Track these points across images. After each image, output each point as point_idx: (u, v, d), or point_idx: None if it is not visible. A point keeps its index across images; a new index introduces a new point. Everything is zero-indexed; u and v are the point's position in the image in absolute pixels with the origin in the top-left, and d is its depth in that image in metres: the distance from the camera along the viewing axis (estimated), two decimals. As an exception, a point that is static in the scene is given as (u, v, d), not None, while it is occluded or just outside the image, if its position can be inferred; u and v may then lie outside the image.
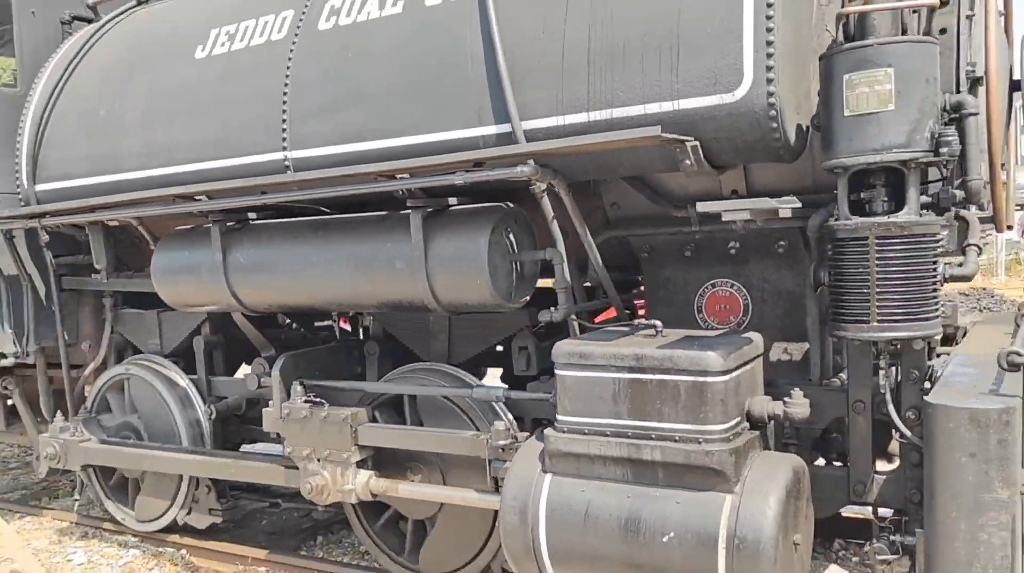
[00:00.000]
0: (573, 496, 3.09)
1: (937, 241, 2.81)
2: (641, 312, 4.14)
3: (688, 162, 3.03)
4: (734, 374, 2.92)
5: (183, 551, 5.00)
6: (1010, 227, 3.55)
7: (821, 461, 3.65)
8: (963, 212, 3.06)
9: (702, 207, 2.88)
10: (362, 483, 3.98)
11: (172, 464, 4.68)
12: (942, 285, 2.87)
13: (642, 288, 4.02)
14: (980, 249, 2.95)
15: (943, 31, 3.05)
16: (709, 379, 2.86)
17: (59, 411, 5.19)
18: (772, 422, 3.16)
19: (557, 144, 3.10)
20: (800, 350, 3.56)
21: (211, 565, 4.89)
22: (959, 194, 2.95)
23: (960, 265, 2.94)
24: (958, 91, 3.04)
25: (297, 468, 4.11)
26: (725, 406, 2.88)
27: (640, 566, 2.96)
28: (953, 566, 2.47)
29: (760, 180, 3.46)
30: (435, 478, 4.05)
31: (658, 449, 2.93)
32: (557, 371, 3.15)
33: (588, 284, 3.95)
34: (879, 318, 2.76)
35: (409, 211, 3.51)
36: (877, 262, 2.75)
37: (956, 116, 2.85)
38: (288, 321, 5.31)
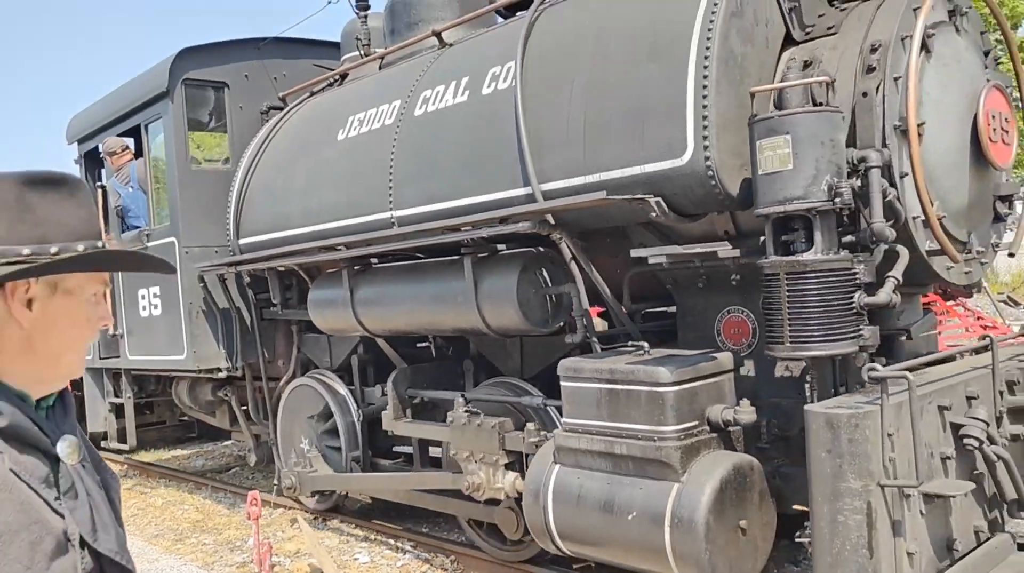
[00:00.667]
0: (571, 482, 3.89)
1: (849, 274, 3.33)
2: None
3: (654, 214, 3.76)
4: (687, 386, 3.60)
5: (452, 557, 5.38)
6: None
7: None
8: (898, 247, 3.51)
9: (642, 253, 3.61)
10: (510, 482, 4.69)
11: (372, 486, 5.90)
12: (863, 311, 3.37)
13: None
14: (899, 280, 3.39)
15: (864, 94, 3.54)
16: (660, 389, 3.57)
17: (293, 451, 6.53)
18: (739, 427, 3.75)
19: (536, 207, 3.99)
20: (799, 367, 4.08)
21: (479, 570, 5.17)
22: (890, 232, 3.41)
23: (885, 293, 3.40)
24: (884, 144, 3.50)
25: (460, 472, 4.86)
26: (677, 411, 3.57)
27: (615, 539, 3.70)
28: (821, 542, 3.01)
29: (747, 223, 4.05)
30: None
31: (626, 445, 3.67)
32: (561, 383, 3.98)
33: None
34: (791, 340, 3.34)
35: (461, 258, 4.50)
36: (788, 293, 3.33)
37: (862, 169, 3.36)
38: (420, 342, 6.45)
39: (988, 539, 3.52)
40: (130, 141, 7.75)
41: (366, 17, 6.43)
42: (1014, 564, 3.51)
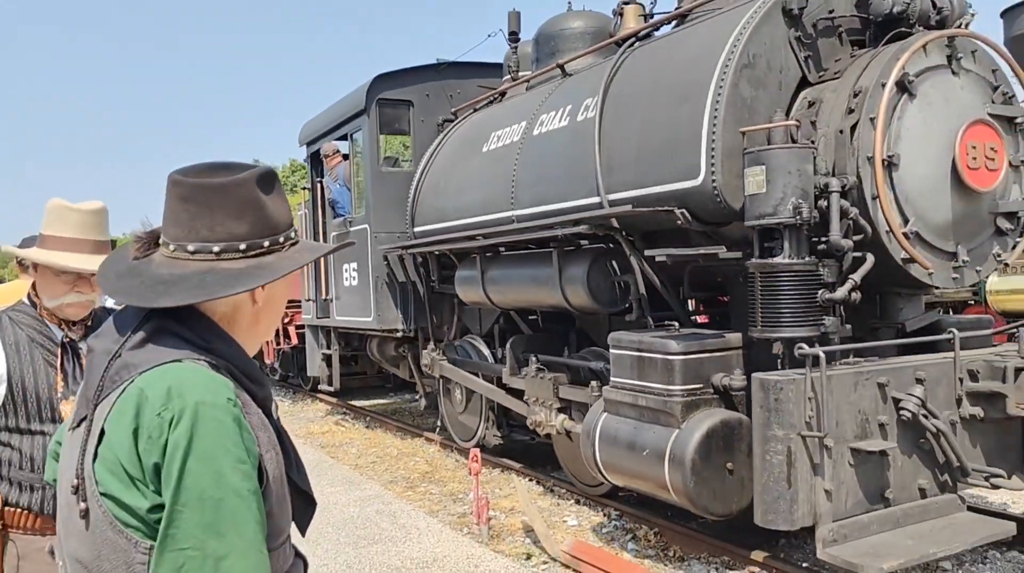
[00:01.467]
0: (612, 426, 5.07)
1: (814, 275, 4.25)
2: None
3: (680, 222, 4.84)
4: (692, 356, 4.65)
5: (656, 529, 5.58)
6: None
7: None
8: (867, 254, 4.34)
9: (653, 252, 4.72)
10: (560, 421, 6.23)
11: (473, 384, 7.46)
12: (825, 304, 4.28)
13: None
14: (856, 282, 4.25)
15: (841, 131, 4.39)
16: (671, 357, 4.65)
17: (433, 342, 8.26)
18: (742, 392, 4.73)
19: (600, 213, 5.15)
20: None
21: (682, 545, 5.34)
22: (846, 243, 4.29)
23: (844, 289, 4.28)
24: (858, 174, 4.34)
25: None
26: (683, 375, 4.64)
27: (636, 471, 4.85)
28: (757, 474, 4.01)
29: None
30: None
31: (646, 399, 4.79)
32: (610, 350, 5.16)
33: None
34: (763, 324, 4.32)
35: (551, 250, 5.78)
36: (762, 287, 4.31)
37: (827, 192, 4.25)
38: (546, 316, 7.75)
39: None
40: (343, 144, 9.70)
41: (516, 47, 7.81)
42: (952, 521, 4.25)
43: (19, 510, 2.49)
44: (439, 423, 8.76)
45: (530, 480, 6.98)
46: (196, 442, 1.28)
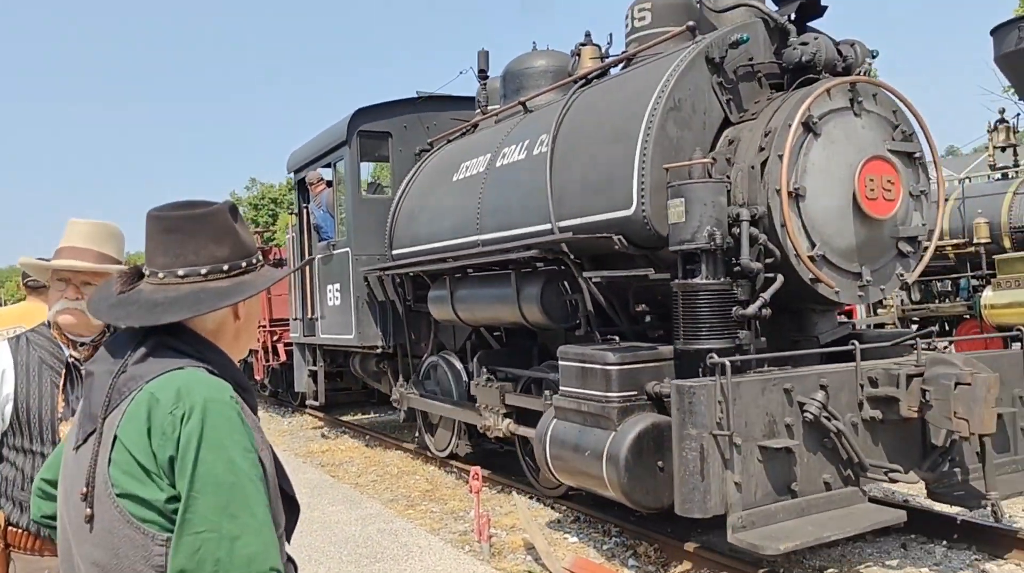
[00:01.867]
0: (560, 430, 5.61)
1: (729, 294, 4.83)
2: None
3: (617, 246, 5.42)
4: (627, 367, 5.21)
5: (655, 545, 5.64)
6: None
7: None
8: (778, 275, 4.92)
9: (589, 274, 5.30)
10: (506, 425, 6.80)
11: (439, 409, 8.04)
12: (740, 319, 4.85)
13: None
14: (766, 300, 4.83)
15: (753, 167, 4.99)
16: (608, 368, 5.22)
17: (403, 378, 8.89)
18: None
19: (548, 239, 5.73)
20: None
21: (682, 564, 5.35)
22: (756, 266, 4.87)
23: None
24: (768, 204, 4.93)
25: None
26: (619, 383, 5.19)
27: (580, 470, 5.39)
28: (676, 469, 4.56)
29: (700, 252, 5.57)
30: (552, 429, 6.74)
31: (588, 405, 5.35)
32: (559, 362, 5.72)
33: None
34: (683, 336, 4.89)
35: (510, 272, 6.37)
36: (683, 304, 4.89)
37: (739, 221, 4.84)
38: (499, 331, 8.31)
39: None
40: (327, 172, 10.30)
41: (485, 83, 8.43)
42: (852, 510, 4.80)
43: (20, 530, 2.49)
44: (417, 434, 9.31)
45: (531, 497, 7.06)
46: (207, 433, 1.41)
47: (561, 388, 5.68)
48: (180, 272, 1.60)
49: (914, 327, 12.88)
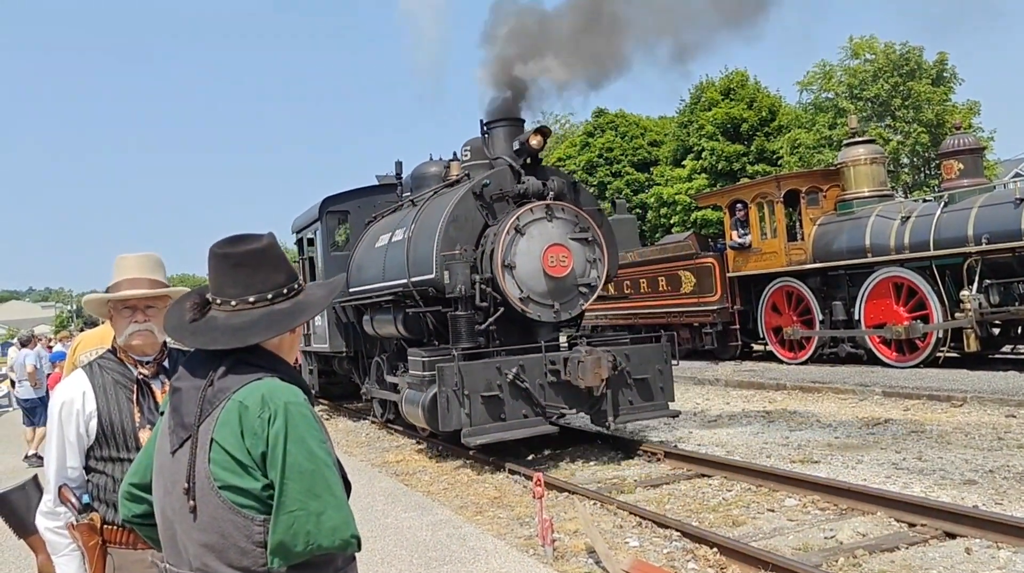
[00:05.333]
0: (407, 394, 10.24)
1: (472, 319, 9.42)
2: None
3: (431, 293, 10.05)
4: (430, 359, 9.78)
5: (715, 549, 5.68)
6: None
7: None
8: (502, 308, 9.49)
9: (408, 310, 10.01)
10: (382, 394, 11.50)
11: (379, 394, 12.81)
12: (478, 332, 9.44)
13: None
14: (492, 324, 9.39)
15: (484, 251, 9.57)
16: (423, 360, 9.80)
17: (364, 373, 13.61)
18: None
19: (401, 286, 10.47)
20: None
21: (741, 567, 5.36)
22: (484, 304, 9.44)
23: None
24: (492, 272, 9.49)
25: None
26: (427, 368, 9.76)
27: (412, 413, 9.99)
28: (440, 409, 9.16)
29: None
30: (425, 398, 11.41)
31: (417, 379, 9.96)
32: (409, 358, 10.35)
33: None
34: (452, 342, 9.49)
35: (390, 305, 11.09)
36: (452, 325, 9.49)
37: (477, 280, 9.44)
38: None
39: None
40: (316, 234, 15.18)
41: (399, 183, 13.15)
42: (536, 429, 9.28)
43: (115, 527, 2.69)
44: (373, 411, 14.05)
45: (594, 503, 7.41)
46: (291, 431, 1.72)
47: (410, 371, 10.34)
48: (251, 299, 1.89)
49: (995, 331, 14.45)
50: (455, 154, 11.97)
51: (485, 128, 10.60)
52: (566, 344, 9.92)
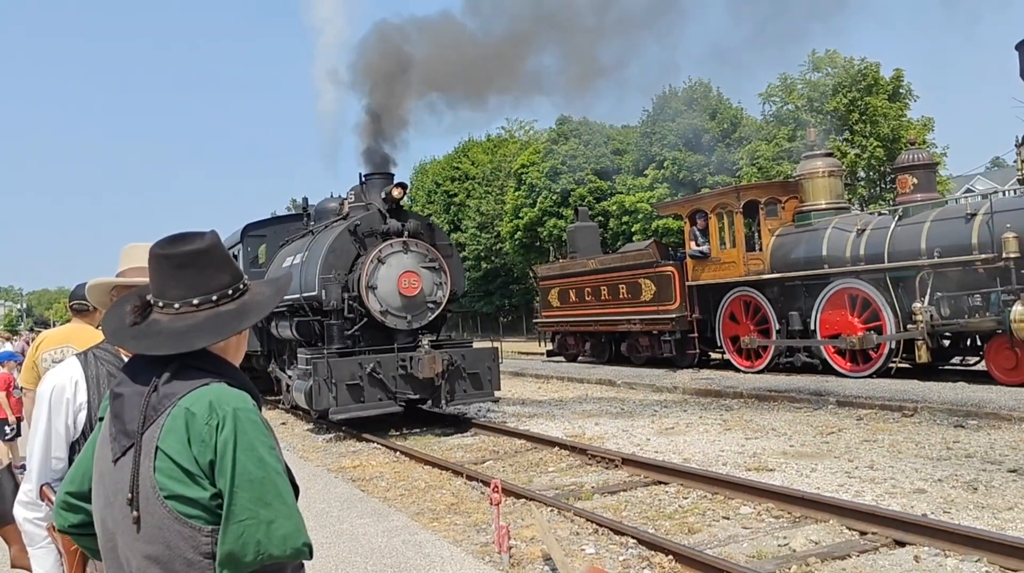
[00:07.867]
0: (296, 383, 13.27)
1: (342, 327, 12.52)
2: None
3: (315, 306, 13.13)
4: (311, 356, 12.86)
5: (670, 556, 5.67)
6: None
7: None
8: (367, 319, 12.61)
9: (299, 319, 13.14)
10: (285, 383, 14.55)
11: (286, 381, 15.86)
12: (347, 336, 12.54)
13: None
14: (358, 331, 12.49)
15: (357, 276, 12.70)
16: (305, 357, 12.86)
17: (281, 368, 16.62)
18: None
19: (299, 299, 13.59)
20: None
21: (697, 570, 5.40)
22: (351, 316, 12.55)
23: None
24: (359, 291, 12.59)
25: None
26: (307, 362, 12.83)
27: (298, 398, 13.05)
28: (313, 393, 12.25)
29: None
30: (316, 387, 14.47)
31: (305, 371, 13.00)
32: (298, 355, 13.39)
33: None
34: (326, 345, 12.59)
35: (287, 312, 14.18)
36: (326, 331, 12.59)
37: (345, 298, 12.55)
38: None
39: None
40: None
41: (307, 214, 16.20)
42: (389, 410, 12.40)
43: None
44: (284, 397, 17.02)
45: (551, 510, 7.32)
46: (240, 438, 1.65)
47: (298, 366, 13.39)
48: (195, 301, 1.79)
49: (945, 342, 14.63)
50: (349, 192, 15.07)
51: (363, 179, 13.74)
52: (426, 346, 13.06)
